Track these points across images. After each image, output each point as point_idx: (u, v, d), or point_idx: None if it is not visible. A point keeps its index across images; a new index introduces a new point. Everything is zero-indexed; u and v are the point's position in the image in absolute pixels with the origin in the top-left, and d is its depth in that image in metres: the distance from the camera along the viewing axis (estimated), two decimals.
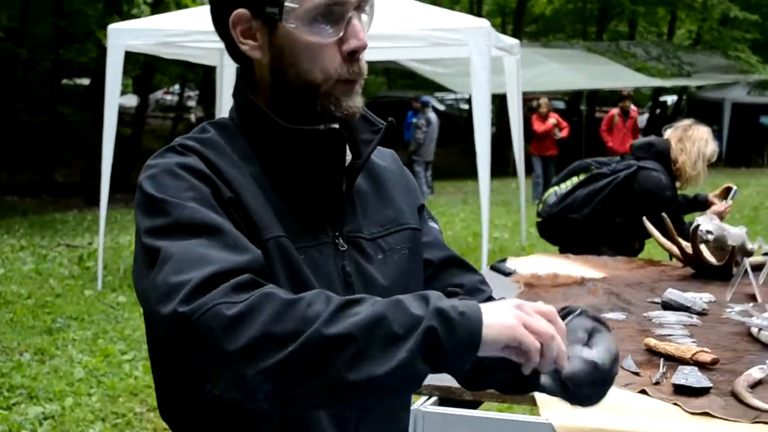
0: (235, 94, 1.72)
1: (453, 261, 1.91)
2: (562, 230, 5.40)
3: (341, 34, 1.60)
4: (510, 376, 1.56)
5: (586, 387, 1.50)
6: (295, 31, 1.58)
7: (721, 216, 5.59)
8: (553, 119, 17.65)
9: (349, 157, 1.70)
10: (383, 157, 1.88)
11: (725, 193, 5.73)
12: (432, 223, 1.92)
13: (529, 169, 15.65)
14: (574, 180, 5.71)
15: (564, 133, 17.69)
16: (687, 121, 5.62)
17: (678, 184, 5.47)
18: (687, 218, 5.61)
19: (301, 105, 1.63)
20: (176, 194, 1.50)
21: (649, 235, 5.58)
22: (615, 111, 17.74)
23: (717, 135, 17.16)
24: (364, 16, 1.65)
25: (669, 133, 5.55)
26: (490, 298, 1.87)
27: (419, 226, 1.85)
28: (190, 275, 1.39)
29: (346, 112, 1.63)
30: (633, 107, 18.13)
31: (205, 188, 1.52)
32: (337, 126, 1.64)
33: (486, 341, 1.37)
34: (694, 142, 5.41)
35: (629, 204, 5.42)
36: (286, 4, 1.57)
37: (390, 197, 1.82)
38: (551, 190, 5.76)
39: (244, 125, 1.68)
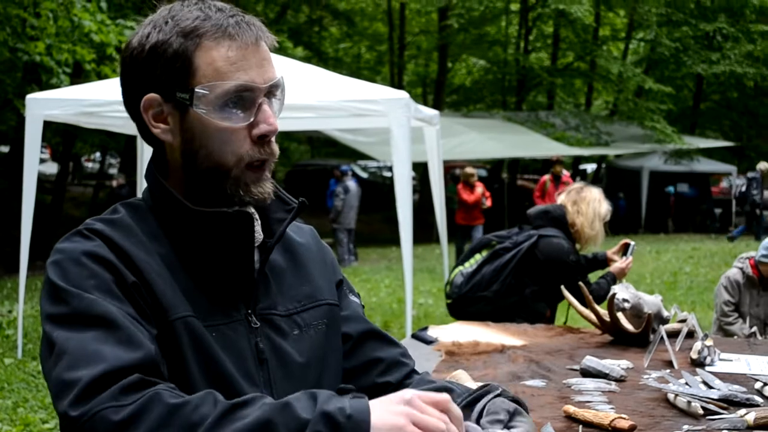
0: (146, 176, 1.73)
1: (373, 334, 1.92)
2: (474, 309, 5.41)
3: (252, 119, 1.62)
4: None
5: None
6: (206, 116, 1.60)
7: (623, 273, 5.71)
8: (480, 188, 17.35)
9: (261, 236, 1.72)
10: (302, 233, 1.90)
11: (623, 249, 5.83)
12: (352, 297, 1.93)
13: (453, 237, 15.73)
14: (478, 257, 5.77)
15: (489, 203, 17.40)
16: (578, 185, 5.75)
17: (578, 246, 5.57)
18: (591, 278, 5.74)
19: (211, 187, 1.65)
20: (78, 283, 1.52)
21: (559, 302, 5.67)
22: (546, 177, 17.62)
23: (635, 202, 16.90)
24: (274, 101, 1.67)
25: (562, 198, 5.67)
26: (412, 372, 1.89)
27: (337, 301, 1.86)
28: (81, 374, 1.40)
29: (256, 197, 1.66)
30: (565, 172, 18.03)
31: (107, 275, 1.54)
32: (246, 209, 1.66)
33: None
34: (588, 203, 5.53)
35: (536, 273, 5.49)
36: (197, 90, 1.59)
37: (307, 273, 1.83)
38: (456, 271, 5.80)
39: (155, 206, 1.70)
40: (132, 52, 1.65)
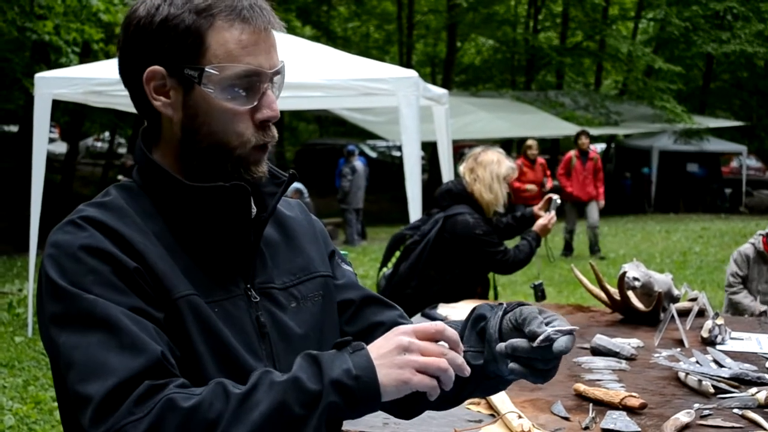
0: (136, 155, 1.72)
1: (372, 299, 1.95)
2: (404, 307, 5.28)
3: (255, 104, 1.63)
4: (440, 396, 1.58)
5: (562, 352, 1.57)
6: (211, 96, 1.60)
7: (546, 230, 5.68)
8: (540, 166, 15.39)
9: (254, 210, 1.72)
10: (290, 207, 1.91)
11: (548, 205, 5.83)
12: (345, 266, 1.96)
13: None
14: (397, 254, 5.76)
15: (550, 183, 15.29)
16: (477, 149, 5.70)
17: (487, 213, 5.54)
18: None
19: (210, 163, 1.64)
20: (76, 280, 1.51)
21: (485, 275, 5.63)
22: (572, 153, 15.52)
23: (647, 182, 16.22)
24: (275, 87, 1.67)
25: (461, 168, 5.64)
26: None
27: (330, 273, 1.88)
28: (93, 389, 1.43)
29: (254, 176, 1.66)
30: (592, 147, 15.99)
31: (105, 267, 1.53)
32: (240, 182, 1.66)
33: (385, 397, 1.45)
34: (485, 166, 5.49)
35: (452, 256, 5.46)
36: (206, 69, 1.59)
37: (299, 246, 1.84)
38: (381, 273, 5.80)
39: (146, 185, 1.68)
40: (138, 21, 1.62)
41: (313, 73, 8.40)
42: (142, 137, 1.72)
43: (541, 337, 1.55)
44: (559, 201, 5.84)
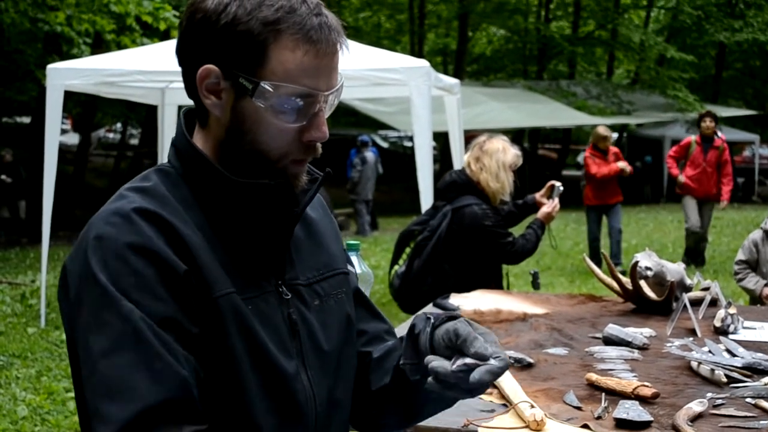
0: (178, 141, 1.69)
1: (361, 302, 1.94)
2: (421, 302, 5.09)
3: (304, 123, 1.60)
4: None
5: (478, 385, 1.52)
6: (261, 109, 1.57)
7: (549, 217, 5.68)
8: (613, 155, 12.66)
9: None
10: (312, 203, 1.87)
11: (550, 192, 5.82)
12: (349, 267, 1.94)
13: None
14: (408, 251, 5.74)
15: (629, 169, 12.58)
16: (481, 138, 5.65)
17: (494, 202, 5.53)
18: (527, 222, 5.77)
19: (250, 165, 1.62)
20: (117, 280, 1.48)
21: (499, 266, 5.63)
22: (693, 138, 12.51)
23: (658, 170, 15.01)
24: (329, 106, 1.64)
25: (466, 158, 5.61)
26: (391, 350, 1.89)
27: (348, 270, 1.88)
28: (114, 411, 1.41)
29: (294, 180, 1.65)
30: (719, 134, 12.57)
31: (151, 271, 1.49)
32: (285, 180, 1.64)
33: None
34: (491, 155, 5.47)
35: (465, 248, 5.45)
36: (262, 84, 1.55)
37: (322, 242, 1.83)
38: (393, 271, 5.78)
39: (186, 173, 1.65)
40: (205, 14, 1.57)
41: None
42: (185, 120, 1.69)
43: (458, 363, 1.51)
44: (561, 188, 5.83)
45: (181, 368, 1.46)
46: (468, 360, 1.51)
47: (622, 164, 12.29)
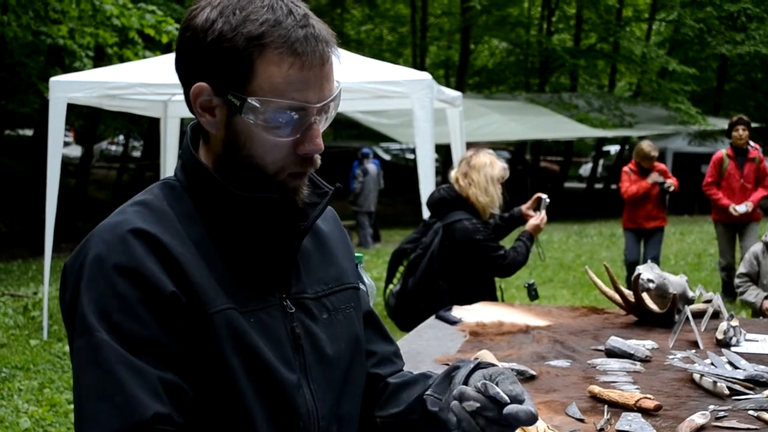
0: (183, 155, 1.69)
1: (371, 322, 1.94)
2: (417, 318, 4.98)
3: (298, 136, 1.59)
4: None
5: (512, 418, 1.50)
6: (252, 125, 1.57)
7: (538, 229, 5.70)
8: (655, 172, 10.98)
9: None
10: (324, 217, 1.88)
11: (537, 204, 5.82)
12: (360, 284, 1.93)
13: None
14: (401, 270, 5.75)
15: (675, 183, 10.99)
16: (468, 153, 5.69)
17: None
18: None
19: (249, 179, 1.62)
20: (99, 300, 1.50)
21: (492, 279, 5.64)
22: (723, 151, 10.82)
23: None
24: (325, 116, 1.63)
25: (453, 174, 5.63)
26: (396, 372, 1.91)
27: (358, 285, 1.87)
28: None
29: (294, 193, 1.64)
30: (753, 144, 10.83)
31: (134, 293, 1.50)
32: (289, 194, 1.64)
33: None
34: (479, 169, 5.49)
35: (458, 264, 5.46)
36: (249, 100, 1.55)
37: (333, 256, 1.83)
38: (388, 290, 5.79)
39: (191, 186, 1.66)
40: (194, 31, 1.57)
41: None
42: (192, 134, 1.69)
43: (496, 390, 1.50)
44: (548, 200, 5.85)
45: (151, 400, 1.46)
46: (501, 393, 1.50)
47: (655, 176, 10.78)
